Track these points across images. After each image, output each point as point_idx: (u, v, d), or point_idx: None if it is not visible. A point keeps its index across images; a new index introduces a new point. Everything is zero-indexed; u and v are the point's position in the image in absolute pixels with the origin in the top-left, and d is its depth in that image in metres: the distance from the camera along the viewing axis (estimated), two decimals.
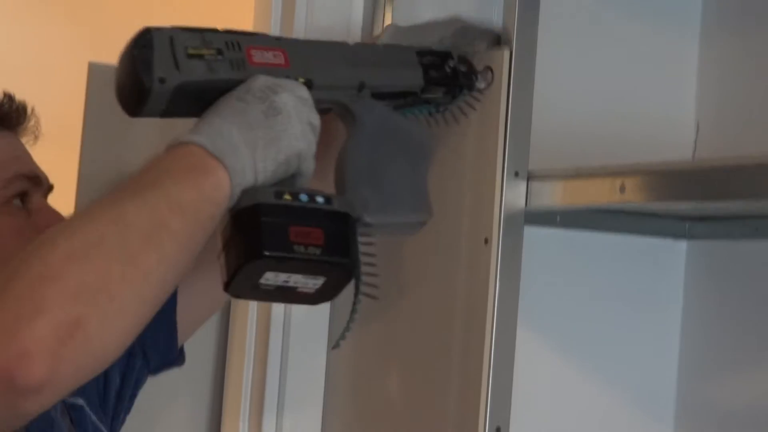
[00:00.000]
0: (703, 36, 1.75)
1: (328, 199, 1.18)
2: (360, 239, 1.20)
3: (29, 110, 1.44)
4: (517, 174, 1.46)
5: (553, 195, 1.46)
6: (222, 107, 1.17)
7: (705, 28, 1.74)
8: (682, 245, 1.72)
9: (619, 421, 1.69)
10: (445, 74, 1.39)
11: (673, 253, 1.72)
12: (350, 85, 1.29)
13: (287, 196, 1.16)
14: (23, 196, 1.38)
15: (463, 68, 1.40)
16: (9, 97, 1.43)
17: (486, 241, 1.46)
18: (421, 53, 1.37)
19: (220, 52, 1.19)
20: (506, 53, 1.44)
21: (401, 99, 1.35)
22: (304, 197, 1.16)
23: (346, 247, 1.17)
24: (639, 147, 1.66)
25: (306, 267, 1.15)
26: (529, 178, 1.46)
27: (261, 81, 1.19)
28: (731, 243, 1.66)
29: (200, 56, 1.18)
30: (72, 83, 1.88)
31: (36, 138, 1.45)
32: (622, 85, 1.72)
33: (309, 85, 1.24)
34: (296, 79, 1.23)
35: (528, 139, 1.45)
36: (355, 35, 1.68)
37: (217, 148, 1.12)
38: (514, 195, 1.46)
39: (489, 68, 1.43)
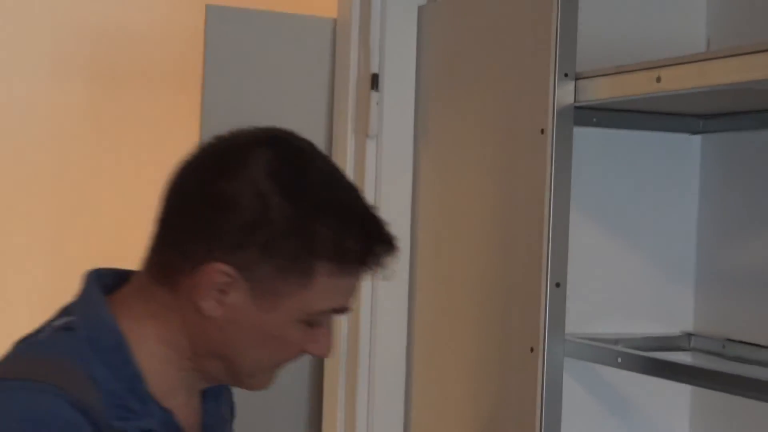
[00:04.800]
0: None
1: None
2: None
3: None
4: (566, 75, 1.80)
5: (597, 90, 1.79)
6: None
7: None
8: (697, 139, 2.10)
9: (647, 279, 2.09)
10: None
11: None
12: None
13: None
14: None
15: None
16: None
17: (542, 131, 1.81)
18: None
19: None
20: None
21: None
22: None
23: None
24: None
25: None
26: (577, 78, 1.80)
27: None
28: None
29: None
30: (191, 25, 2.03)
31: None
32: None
33: None
34: None
35: (575, 46, 1.80)
36: None
37: None
38: (564, 92, 1.80)
39: None
